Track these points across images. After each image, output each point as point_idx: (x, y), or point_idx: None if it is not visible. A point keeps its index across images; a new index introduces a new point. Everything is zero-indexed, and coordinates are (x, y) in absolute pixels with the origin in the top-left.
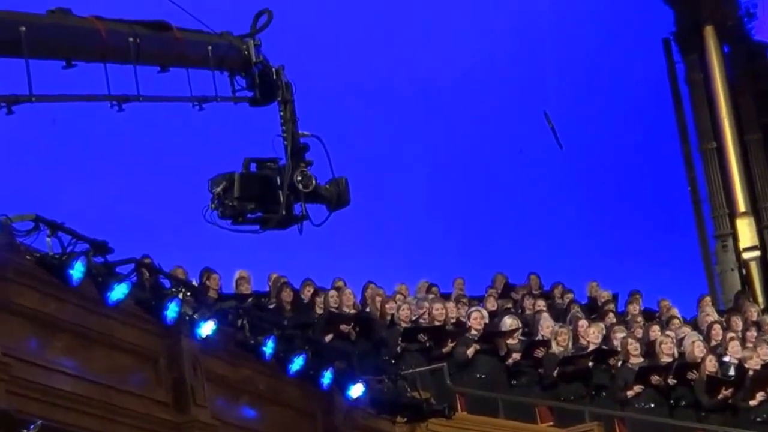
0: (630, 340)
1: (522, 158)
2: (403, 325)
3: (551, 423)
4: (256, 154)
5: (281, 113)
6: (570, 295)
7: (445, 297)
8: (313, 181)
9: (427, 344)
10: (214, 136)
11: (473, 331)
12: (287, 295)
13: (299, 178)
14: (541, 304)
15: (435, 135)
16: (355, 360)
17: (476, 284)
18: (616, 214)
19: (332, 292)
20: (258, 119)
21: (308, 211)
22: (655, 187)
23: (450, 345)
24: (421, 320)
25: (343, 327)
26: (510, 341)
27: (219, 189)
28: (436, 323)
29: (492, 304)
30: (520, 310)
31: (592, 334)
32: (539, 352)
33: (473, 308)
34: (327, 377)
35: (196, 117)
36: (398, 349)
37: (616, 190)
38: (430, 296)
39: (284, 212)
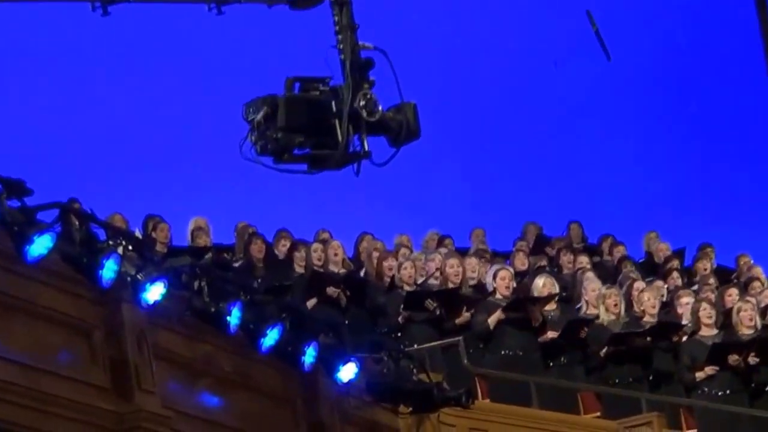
0: (704, 305)
1: (557, 73)
2: (407, 288)
3: (598, 413)
4: (297, 72)
5: (335, 18)
6: (621, 250)
7: (462, 252)
8: (380, 108)
9: (438, 313)
10: (231, 50)
11: (498, 296)
12: (258, 250)
13: (362, 102)
14: (583, 261)
15: (445, 36)
16: (346, 333)
17: (501, 236)
18: (681, 148)
19: (316, 246)
20: (299, 28)
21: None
22: (732, 112)
23: (467, 314)
24: (430, 282)
25: (330, 290)
26: (547, 309)
27: (259, 116)
28: (450, 285)
29: (522, 262)
30: (556, 269)
31: (650, 301)
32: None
33: (498, 266)
34: (309, 355)
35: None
36: (400, 319)
37: (681, 115)
38: (442, 251)
39: (343, 147)
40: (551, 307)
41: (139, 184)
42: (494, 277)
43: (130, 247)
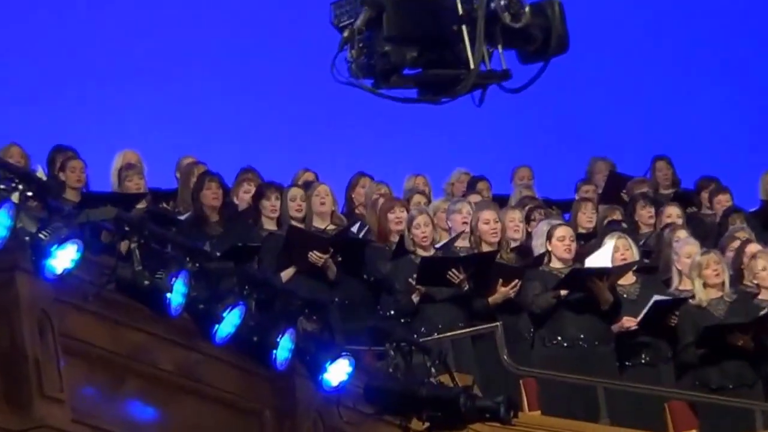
0: None
1: None
2: (423, 252)
3: (694, 431)
4: None
5: None
6: (726, 199)
7: (501, 201)
8: (526, 8)
9: (467, 288)
10: None
11: (553, 264)
12: (212, 197)
13: (503, 2)
14: (673, 213)
15: None
16: (336, 316)
17: (556, 179)
18: None
19: (294, 192)
20: None
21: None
22: None
23: (508, 289)
24: (455, 246)
25: (314, 256)
26: (622, 283)
27: (358, 22)
28: (484, 248)
29: (587, 215)
30: (633, 226)
31: (767, 271)
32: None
33: (553, 221)
34: (283, 348)
35: None
36: (413, 296)
37: None
38: (474, 199)
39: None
40: (628, 280)
41: (47, 105)
42: (548, 236)
43: (30, 193)
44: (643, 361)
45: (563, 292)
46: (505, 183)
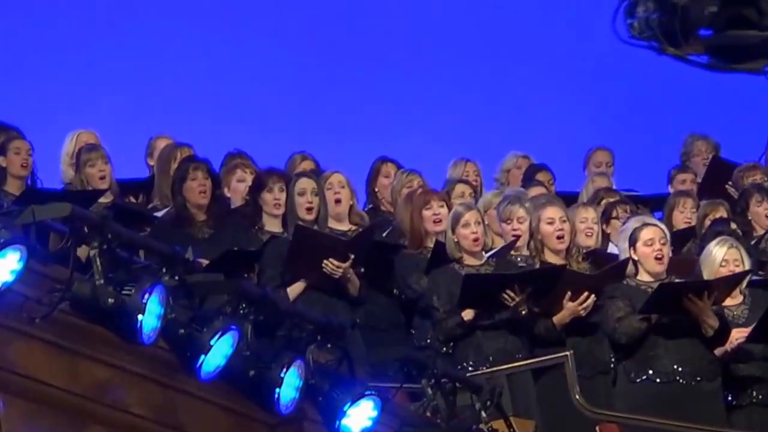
0: None
1: None
2: (470, 261)
3: None
4: None
5: None
6: None
7: (569, 198)
8: None
9: (527, 311)
10: None
11: (642, 277)
12: (198, 190)
13: None
14: None
15: None
16: (358, 344)
17: (640, 168)
18: None
19: (303, 183)
20: None
21: None
22: None
23: (577, 304)
24: (511, 254)
25: (330, 266)
26: (730, 303)
27: None
28: (548, 257)
29: (684, 213)
30: (745, 227)
31: None
32: None
33: (640, 219)
34: (289, 386)
35: None
36: (454, 321)
37: None
38: (533, 192)
39: None
40: (734, 300)
41: None
42: (632, 240)
43: None
44: (754, 400)
45: (650, 316)
46: (572, 177)
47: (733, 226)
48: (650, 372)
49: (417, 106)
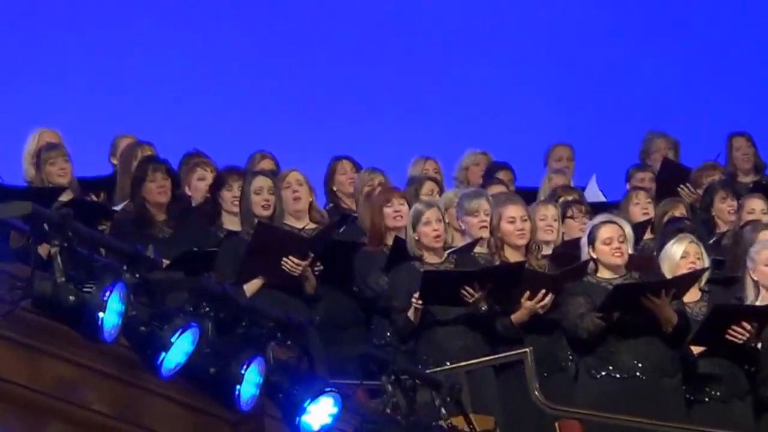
0: None
1: None
2: (430, 258)
3: None
4: None
5: None
6: None
7: (529, 195)
8: None
9: (486, 308)
10: None
11: (601, 275)
12: (157, 191)
13: None
14: (757, 207)
15: None
16: (317, 342)
17: (599, 163)
18: None
19: (260, 182)
20: None
21: None
22: None
23: (535, 302)
24: (473, 254)
25: (289, 264)
26: (689, 300)
27: None
28: (509, 254)
29: (642, 206)
30: (707, 224)
31: None
32: None
33: (599, 218)
34: (250, 383)
35: None
36: (402, 320)
37: None
38: (493, 190)
39: None
40: (692, 296)
41: None
42: (591, 239)
43: None
44: (713, 396)
45: (607, 313)
46: (531, 174)
47: (688, 222)
48: (610, 368)
49: (377, 104)
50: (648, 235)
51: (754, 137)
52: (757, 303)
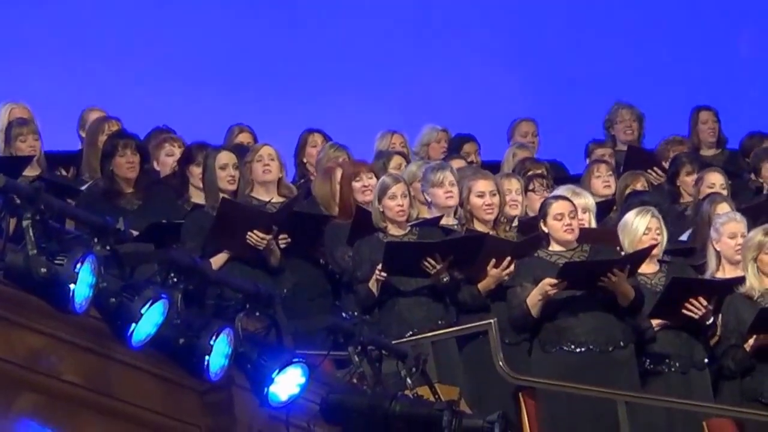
0: None
1: None
2: (395, 231)
3: None
4: None
5: None
6: None
7: (492, 169)
8: None
9: (449, 279)
10: None
11: (554, 248)
12: (126, 166)
13: None
14: (717, 181)
15: None
16: (281, 313)
17: (564, 137)
18: None
19: (224, 158)
20: None
21: None
22: None
23: (501, 270)
24: (437, 228)
25: (254, 237)
26: (645, 271)
27: None
28: (478, 228)
29: (604, 182)
30: (672, 200)
31: None
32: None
33: (555, 193)
34: (218, 353)
35: None
36: (373, 287)
37: None
38: (456, 164)
39: None
40: (650, 268)
41: None
42: (543, 213)
43: None
44: (672, 368)
45: (554, 288)
46: (495, 149)
47: (647, 198)
48: (563, 343)
49: (345, 78)
50: None
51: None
52: (718, 275)
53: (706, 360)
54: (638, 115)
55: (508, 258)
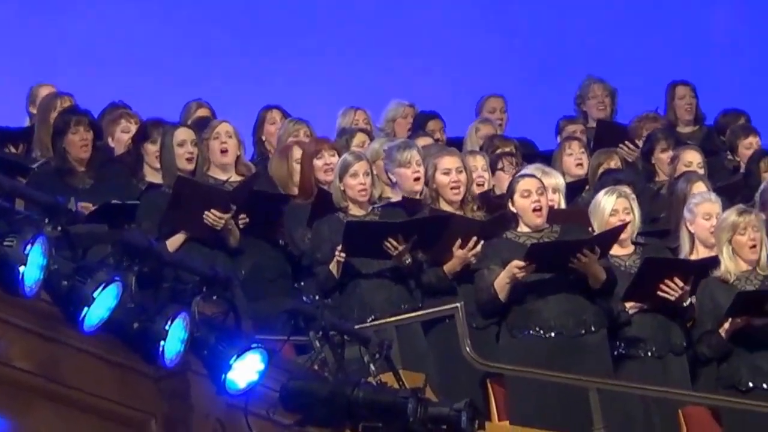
0: None
1: None
2: (356, 211)
3: None
4: None
5: None
6: (755, 141)
7: (459, 146)
8: None
9: (408, 262)
10: None
11: (521, 228)
12: (79, 144)
13: None
14: (694, 159)
15: None
16: (242, 296)
17: (530, 113)
18: None
19: (182, 134)
20: None
21: None
22: None
23: (467, 251)
24: (399, 208)
25: (211, 217)
26: (618, 253)
27: None
28: (444, 207)
29: (576, 159)
30: (648, 179)
31: None
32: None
33: (524, 171)
34: (174, 338)
35: None
36: (334, 269)
37: None
38: (422, 142)
39: None
40: (625, 249)
41: None
42: (510, 192)
43: None
44: (647, 353)
45: (523, 271)
46: (463, 126)
47: (621, 177)
48: (531, 327)
49: (305, 54)
50: None
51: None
52: (692, 257)
53: (684, 344)
54: (611, 91)
55: (474, 238)
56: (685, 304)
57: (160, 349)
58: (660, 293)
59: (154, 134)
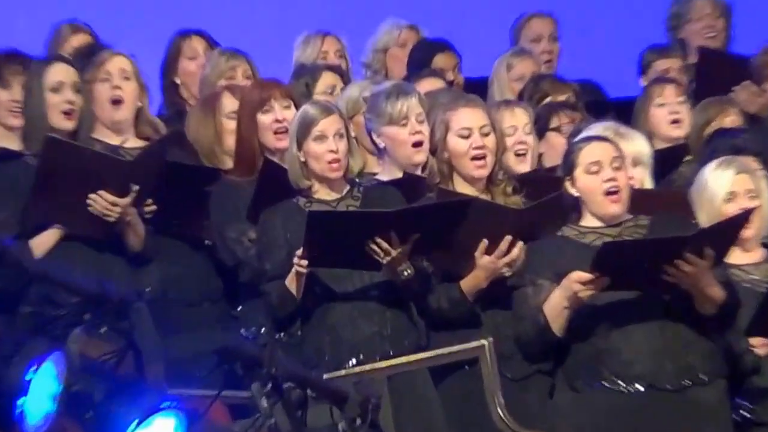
0: None
1: None
2: (321, 196)
3: None
4: None
5: None
6: None
7: (481, 93)
8: None
9: (407, 274)
10: None
11: (588, 223)
12: None
13: None
14: None
15: None
16: (149, 326)
17: (594, 42)
18: None
19: (58, 75)
20: None
21: None
22: None
23: (505, 261)
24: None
25: (100, 203)
26: (738, 262)
27: None
28: (459, 187)
29: (670, 107)
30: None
31: None
32: None
33: (595, 129)
34: (40, 393)
35: None
36: (292, 286)
37: None
38: (427, 85)
39: None
40: (749, 256)
41: None
42: (569, 166)
43: None
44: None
45: (585, 289)
46: (487, 63)
47: (748, 137)
48: (605, 375)
49: None
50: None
51: None
52: None
53: None
54: (724, 7)
55: (509, 237)
56: None
57: (19, 410)
58: None
59: (7, 75)
